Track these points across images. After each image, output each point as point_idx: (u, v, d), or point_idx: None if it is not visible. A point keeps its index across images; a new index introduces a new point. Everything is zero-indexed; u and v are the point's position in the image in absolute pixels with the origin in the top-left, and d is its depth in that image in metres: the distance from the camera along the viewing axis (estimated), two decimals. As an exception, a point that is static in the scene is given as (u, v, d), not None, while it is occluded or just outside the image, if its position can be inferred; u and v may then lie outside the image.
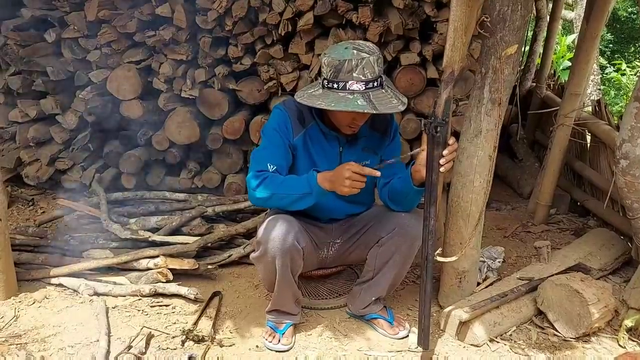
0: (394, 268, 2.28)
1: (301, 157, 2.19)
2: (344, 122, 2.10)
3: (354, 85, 1.94)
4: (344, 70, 1.94)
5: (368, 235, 2.31)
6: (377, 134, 2.27)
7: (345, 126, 2.11)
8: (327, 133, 2.19)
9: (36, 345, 2.21)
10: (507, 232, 3.54)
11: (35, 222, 3.43)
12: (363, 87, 1.95)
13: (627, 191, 2.59)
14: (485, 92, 2.24)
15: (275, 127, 2.15)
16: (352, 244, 2.37)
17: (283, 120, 2.16)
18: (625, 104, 7.18)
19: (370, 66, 1.95)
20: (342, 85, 1.96)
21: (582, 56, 3.37)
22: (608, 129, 3.30)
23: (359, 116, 2.06)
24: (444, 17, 3.29)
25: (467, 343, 2.30)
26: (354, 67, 1.93)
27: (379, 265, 2.30)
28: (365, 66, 1.94)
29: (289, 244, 2.05)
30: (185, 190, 3.83)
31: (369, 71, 1.95)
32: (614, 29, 12.14)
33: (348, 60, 1.94)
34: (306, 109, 2.17)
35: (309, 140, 2.19)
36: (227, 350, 2.22)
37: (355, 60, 1.93)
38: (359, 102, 1.93)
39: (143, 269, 2.75)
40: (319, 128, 2.19)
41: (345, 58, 1.94)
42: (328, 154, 2.21)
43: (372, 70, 1.96)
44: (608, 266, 2.86)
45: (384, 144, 2.29)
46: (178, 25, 3.44)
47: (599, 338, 2.36)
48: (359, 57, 1.94)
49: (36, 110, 3.77)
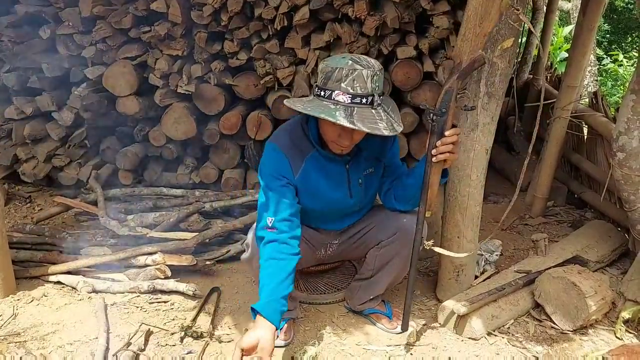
0: (393, 270, 2.28)
1: (307, 189, 2.08)
2: (330, 137, 1.96)
3: (340, 97, 1.81)
4: (334, 78, 1.82)
5: (368, 237, 2.29)
6: (377, 140, 2.11)
7: (332, 142, 1.98)
8: (329, 157, 2.07)
9: (35, 343, 2.22)
10: (505, 225, 3.55)
11: (32, 219, 3.43)
12: (348, 100, 1.80)
13: (624, 183, 2.60)
14: (481, 86, 2.24)
15: (272, 173, 2.02)
16: (351, 244, 2.35)
17: (279, 163, 2.03)
18: (622, 95, 7.18)
19: (361, 80, 1.81)
20: (329, 94, 1.83)
21: (579, 48, 3.37)
22: (605, 121, 3.31)
23: (345, 134, 1.91)
24: (440, 10, 3.28)
25: (465, 336, 2.31)
26: (343, 76, 1.80)
27: (379, 266, 2.29)
28: (355, 78, 1.80)
29: None
30: (182, 186, 3.82)
31: (359, 85, 1.81)
32: (611, 19, 12.12)
33: (339, 69, 1.81)
34: (304, 139, 2.06)
35: (311, 170, 2.07)
36: (226, 346, 2.23)
37: (347, 70, 1.80)
38: (337, 113, 1.79)
39: (141, 266, 2.75)
40: (320, 155, 2.07)
41: (338, 66, 1.82)
42: (334, 177, 2.11)
43: (364, 85, 1.81)
44: (605, 258, 2.87)
45: (386, 148, 2.17)
46: (173, 20, 3.42)
47: (596, 330, 2.37)
48: (351, 68, 1.80)
49: (32, 107, 3.75)
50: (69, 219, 3.53)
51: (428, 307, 2.58)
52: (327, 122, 1.89)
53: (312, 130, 2.04)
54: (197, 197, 3.50)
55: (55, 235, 3.02)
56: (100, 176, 3.80)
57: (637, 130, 2.47)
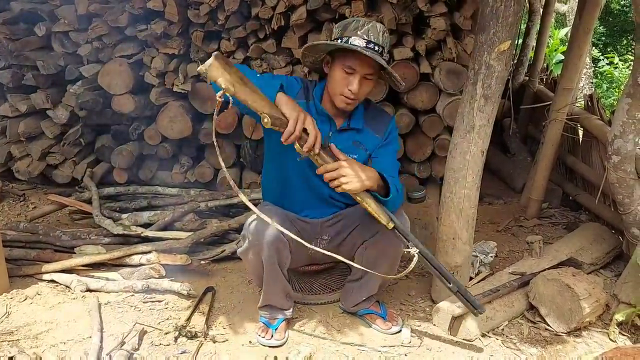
0: (381, 270, 2.28)
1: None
2: (338, 88, 2.06)
3: (356, 41, 1.98)
4: (350, 28, 2.01)
5: (354, 236, 2.29)
6: (371, 132, 2.23)
7: (339, 95, 2.07)
8: (321, 113, 2.17)
9: (28, 342, 2.20)
10: (500, 227, 3.56)
11: (26, 217, 3.42)
12: (364, 44, 1.98)
13: (619, 186, 2.61)
14: (478, 88, 2.23)
15: (284, 79, 2.14)
16: (340, 242, 2.34)
17: (295, 82, 2.20)
18: (618, 97, 7.22)
19: (375, 31, 2.01)
20: (345, 40, 2.00)
21: (575, 51, 3.38)
22: (600, 124, 3.31)
23: (353, 81, 2.02)
24: (437, 12, 3.28)
25: (459, 338, 2.32)
26: (360, 26, 2.01)
27: (366, 266, 2.29)
28: (370, 29, 2.00)
29: (273, 235, 2.05)
30: (177, 185, 3.82)
31: (373, 34, 2.00)
32: (607, 22, 12.16)
33: (356, 21, 2.03)
34: (311, 89, 2.20)
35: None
36: (221, 346, 2.22)
37: (363, 21, 2.03)
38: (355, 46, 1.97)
39: (136, 265, 2.74)
40: (315, 108, 2.17)
41: (355, 19, 2.05)
42: None
43: (377, 36, 2.01)
44: (599, 260, 2.88)
45: (377, 143, 2.24)
46: (170, 19, 3.41)
47: (590, 332, 2.37)
48: (367, 21, 2.03)
49: (27, 105, 3.74)
50: (63, 217, 3.52)
51: (422, 309, 2.58)
52: (336, 74, 2.05)
53: (318, 87, 2.20)
54: (192, 196, 3.50)
55: (49, 234, 3.01)
56: (95, 174, 3.79)
57: (632, 133, 2.47)
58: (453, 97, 3.37)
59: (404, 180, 3.68)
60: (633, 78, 2.39)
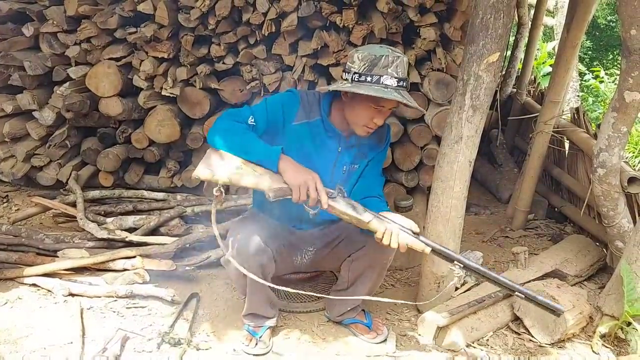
0: (368, 281, 2.28)
1: (294, 146, 2.08)
2: (362, 120, 2.04)
3: (388, 80, 1.95)
4: (380, 65, 1.95)
5: (340, 248, 2.30)
6: (373, 142, 2.23)
7: (362, 126, 2.06)
8: (330, 130, 2.14)
9: (8, 347, 2.17)
10: (486, 237, 3.57)
11: (9, 219, 3.36)
12: (395, 84, 1.96)
13: (604, 199, 2.63)
14: (466, 99, 2.25)
15: (280, 101, 2.11)
16: (326, 254, 2.34)
17: (292, 102, 2.12)
18: (603, 111, 7.31)
19: (402, 66, 1.98)
20: (376, 79, 1.95)
21: (562, 64, 3.41)
22: (586, 137, 3.35)
23: (379, 116, 2.03)
24: (427, 22, 3.30)
25: (444, 348, 2.31)
26: (390, 62, 1.96)
27: (352, 278, 2.30)
28: (399, 65, 1.97)
29: (257, 246, 2.04)
30: (164, 189, 3.79)
31: (401, 70, 1.98)
32: (593, 36, 12.34)
33: (385, 56, 1.96)
34: (315, 104, 2.14)
35: (308, 132, 2.12)
36: (204, 353, 2.20)
37: (392, 57, 1.96)
38: (392, 95, 1.94)
39: (120, 270, 2.71)
40: (323, 124, 2.14)
41: (382, 54, 1.96)
42: (326, 151, 2.16)
43: (404, 71, 1.99)
44: (583, 272, 2.90)
45: (375, 151, 2.25)
46: (160, 22, 3.39)
47: (573, 344, 2.39)
48: (395, 55, 1.97)
49: (12, 106, 3.69)
50: (47, 220, 3.47)
51: (408, 318, 2.58)
52: (363, 106, 2.01)
53: (325, 102, 2.14)
54: (179, 201, 3.47)
55: (32, 237, 2.96)
56: (80, 177, 3.74)
57: (617, 147, 2.50)
58: (442, 107, 3.39)
59: (391, 189, 3.69)
60: (619, 92, 2.42)
